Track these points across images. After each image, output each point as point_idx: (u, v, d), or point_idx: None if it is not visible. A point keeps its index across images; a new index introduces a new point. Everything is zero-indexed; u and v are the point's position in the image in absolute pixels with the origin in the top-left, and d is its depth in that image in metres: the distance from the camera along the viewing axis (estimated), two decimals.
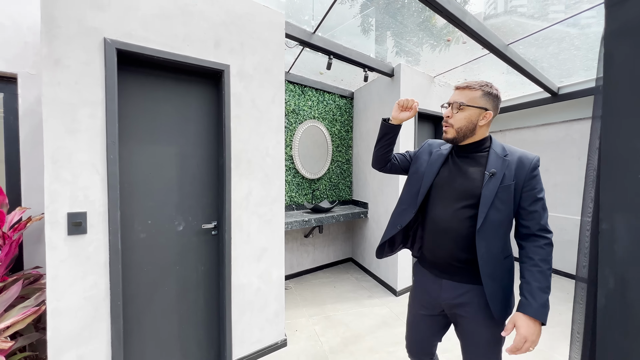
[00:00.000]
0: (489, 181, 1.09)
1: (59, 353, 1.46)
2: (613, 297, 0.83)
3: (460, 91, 1.16)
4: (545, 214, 1.09)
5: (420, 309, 1.30)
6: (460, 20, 2.02)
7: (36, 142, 2.07)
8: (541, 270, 1.03)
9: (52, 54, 1.41)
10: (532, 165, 1.10)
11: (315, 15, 2.47)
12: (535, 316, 1.00)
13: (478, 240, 1.08)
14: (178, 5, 1.73)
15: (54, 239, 1.43)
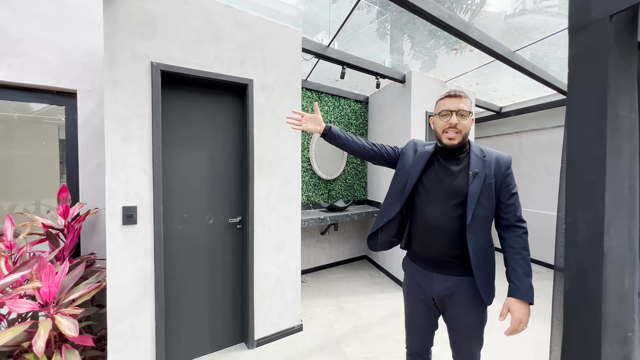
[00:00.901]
0: (474, 180, 1.23)
1: (115, 322, 1.78)
2: (575, 281, 1.02)
3: (459, 99, 1.24)
4: (520, 207, 1.25)
5: (415, 300, 1.40)
6: (463, 33, 2.18)
7: (91, 147, 2.44)
8: (523, 257, 1.19)
9: (112, 76, 1.73)
10: (507, 164, 1.26)
11: (332, 25, 2.68)
12: (525, 298, 1.15)
13: (469, 235, 1.21)
14: (210, 30, 2.02)
15: (112, 228, 1.75)
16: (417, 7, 1.87)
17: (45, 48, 2.27)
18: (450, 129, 1.24)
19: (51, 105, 2.43)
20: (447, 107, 1.24)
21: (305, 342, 2.35)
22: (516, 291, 1.16)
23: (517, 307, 1.15)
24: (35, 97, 2.36)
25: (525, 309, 1.15)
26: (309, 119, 1.45)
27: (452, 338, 1.36)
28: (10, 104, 2.37)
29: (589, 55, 1.01)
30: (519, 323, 1.15)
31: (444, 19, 2.03)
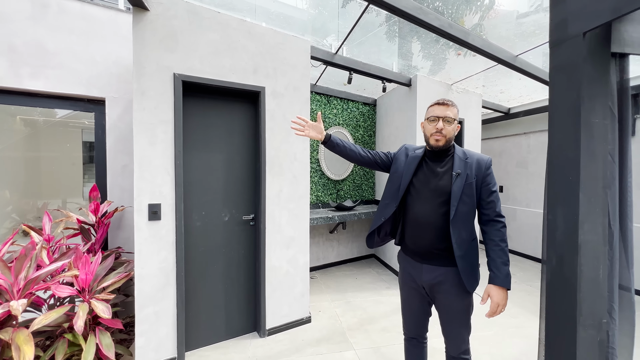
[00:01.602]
0: (456, 180, 1.36)
1: (142, 308, 1.97)
2: (555, 272, 1.15)
3: (446, 107, 1.39)
4: (499, 203, 1.38)
5: (409, 289, 1.53)
6: (463, 40, 2.29)
7: (117, 150, 2.67)
8: (501, 248, 1.33)
9: (139, 87, 1.93)
10: (486, 165, 1.40)
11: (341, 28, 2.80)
12: (502, 285, 1.29)
13: (452, 229, 1.34)
14: (226, 43, 2.20)
15: (140, 223, 1.95)
16: (418, 18, 1.99)
17: (78, 60, 2.51)
18: (437, 133, 1.39)
19: (75, 111, 2.66)
20: (436, 113, 1.39)
21: (312, 333, 2.50)
22: (495, 278, 1.31)
23: (496, 292, 1.30)
24: (68, 105, 2.60)
25: (502, 294, 1.29)
26: (312, 126, 1.59)
27: (442, 324, 1.48)
28: (37, 109, 2.62)
29: (565, 68, 1.14)
30: (497, 306, 1.29)
31: (445, 28, 2.14)
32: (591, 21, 1.04)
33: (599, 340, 1.14)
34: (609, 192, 1.21)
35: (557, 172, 1.18)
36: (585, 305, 1.10)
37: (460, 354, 1.46)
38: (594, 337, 1.12)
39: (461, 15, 2.89)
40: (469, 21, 2.75)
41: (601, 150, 1.11)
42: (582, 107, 1.07)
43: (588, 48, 1.08)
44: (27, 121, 2.69)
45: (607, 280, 1.21)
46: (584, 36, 1.07)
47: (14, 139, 2.63)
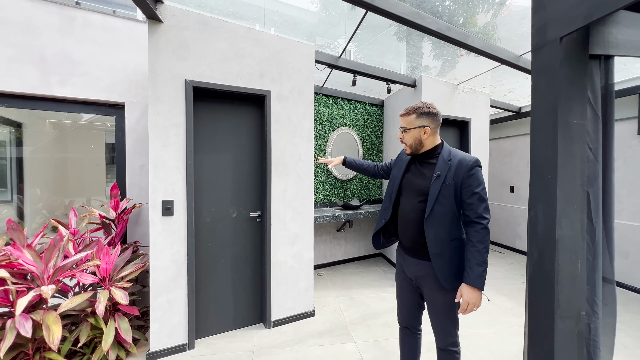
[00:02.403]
0: (435, 181, 1.42)
1: (156, 296, 2.14)
2: (536, 265, 1.21)
3: (402, 118, 1.51)
4: (482, 205, 1.36)
5: (402, 280, 1.63)
6: (463, 42, 2.33)
7: (135, 151, 2.86)
8: (477, 249, 1.33)
9: (154, 93, 2.10)
10: (468, 166, 1.39)
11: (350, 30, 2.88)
12: (473, 285, 1.31)
13: (426, 227, 1.41)
14: (234, 50, 2.35)
15: (154, 218, 2.12)
16: (415, 23, 2.06)
17: (100, 68, 2.72)
18: (402, 143, 1.55)
19: (98, 115, 2.88)
20: (401, 124, 1.53)
21: (316, 325, 2.61)
22: (467, 278, 1.34)
23: (467, 291, 1.33)
24: (92, 109, 2.82)
25: (473, 293, 1.32)
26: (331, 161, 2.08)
27: (429, 317, 1.54)
28: (64, 113, 2.85)
29: (545, 71, 1.22)
30: (467, 304, 1.33)
31: (443, 31, 2.20)
32: (567, 26, 1.11)
33: (578, 332, 1.20)
34: (592, 191, 1.26)
35: (538, 171, 1.25)
36: (562, 297, 1.16)
37: (448, 346, 1.50)
38: (572, 328, 1.18)
39: (473, 14, 2.91)
40: (481, 19, 2.76)
41: (579, 150, 1.18)
42: (560, 108, 1.14)
43: (565, 52, 1.14)
44: (55, 124, 2.94)
45: (590, 275, 1.26)
46: (561, 41, 1.14)
47: (44, 141, 2.88)
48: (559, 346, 1.16)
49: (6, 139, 2.80)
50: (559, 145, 1.15)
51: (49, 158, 2.91)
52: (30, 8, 2.48)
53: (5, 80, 2.42)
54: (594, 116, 1.23)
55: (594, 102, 1.24)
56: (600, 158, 1.27)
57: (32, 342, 1.83)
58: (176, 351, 2.19)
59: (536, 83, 1.25)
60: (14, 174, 2.80)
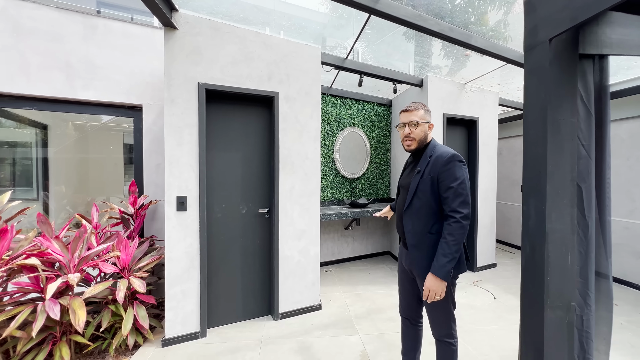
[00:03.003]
0: (415, 176, 1.52)
1: (170, 286, 2.28)
2: (528, 258, 1.28)
3: (410, 113, 1.53)
4: (458, 199, 1.39)
5: (401, 271, 1.72)
6: (466, 42, 2.37)
7: (152, 151, 3.03)
8: (446, 241, 1.38)
9: (170, 96, 2.23)
10: (444, 161, 1.43)
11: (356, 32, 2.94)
12: (435, 273, 1.38)
13: (405, 219, 1.54)
14: (244, 54, 2.46)
15: (169, 213, 2.26)
16: (418, 25, 2.12)
17: (120, 72, 2.89)
18: (406, 138, 1.56)
19: (118, 117, 3.06)
20: (402, 120, 1.56)
21: (322, 318, 2.69)
22: (432, 267, 1.41)
23: (429, 278, 1.41)
24: (112, 111, 2.99)
25: (434, 281, 1.38)
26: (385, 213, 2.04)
27: (427, 310, 1.57)
28: (84, 115, 3.04)
29: (536, 71, 1.28)
30: (427, 291, 1.40)
31: (445, 32, 2.25)
32: (555, 28, 1.17)
33: (568, 322, 1.25)
34: (584, 186, 1.31)
35: (529, 166, 1.31)
36: (552, 288, 1.22)
37: (442, 337, 1.55)
38: (562, 317, 1.24)
39: (484, 12, 2.93)
40: (493, 17, 2.79)
41: (569, 146, 1.23)
42: (549, 107, 1.20)
43: (554, 52, 1.21)
44: (77, 126, 3.14)
45: (583, 268, 1.31)
46: (550, 42, 1.20)
47: (67, 142, 3.09)
48: (549, 334, 1.23)
49: (33, 140, 3.02)
50: (549, 142, 1.21)
51: (72, 158, 3.12)
52: (58, 18, 2.67)
53: (35, 85, 2.61)
54: (587, 114, 1.28)
55: (587, 101, 1.29)
56: (594, 155, 1.32)
57: (60, 326, 1.99)
58: (189, 338, 2.32)
59: (528, 82, 1.32)
60: (40, 172, 3.02)
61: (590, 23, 1.18)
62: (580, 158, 1.30)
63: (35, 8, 2.62)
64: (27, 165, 3.02)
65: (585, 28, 1.26)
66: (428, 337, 1.99)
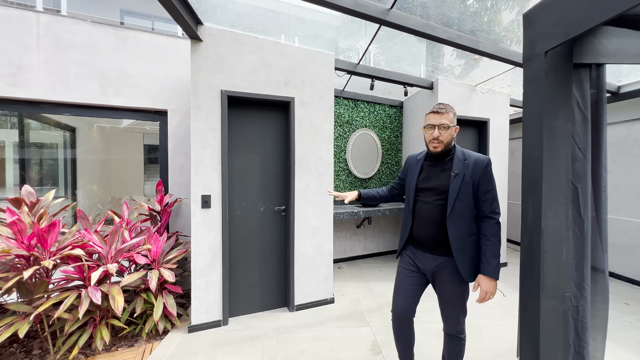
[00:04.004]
0: (454, 180, 1.49)
1: (196, 277, 2.48)
2: (526, 252, 1.40)
3: (441, 115, 1.50)
4: (495, 201, 1.49)
5: (408, 272, 1.66)
6: (474, 48, 2.47)
7: (176, 153, 3.25)
8: (492, 242, 1.45)
9: (195, 102, 2.43)
10: (484, 165, 1.49)
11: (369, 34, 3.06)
12: (490, 275, 1.43)
13: (448, 224, 1.48)
14: (262, 62, 2.64)
15: (195, 210, 2.45)
16: (426, 33, 2.24)
17: (147, 80, 3.12)
18: (434, 140, 1.53)
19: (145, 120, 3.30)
20: (431, 122, 1.53)
21: (334, 311, 2.85)
22: (484, 269, 1.45)
23: (484, 281, 1.45)
24: (140, 116, 3.23)
25: (490, 283, 1.44)
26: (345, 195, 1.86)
27: (441, 307, 1.64)
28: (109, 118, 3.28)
29: (533, 81, 1.41)
30: (485, 294, 1.45)
31: (453, 39, 2.36)
32: (551, 42, 1.30)
33: (562, 311, 1.37)
34: (580, 186, 1.43)
35: (527, 168, 1.43)
36: (548, 280, 1.34)
37: (457, 333, 1.62)
38: (557, 307, 1.36)
39: (498, 11, 3.02)
40: (507, 17, 2.86)
41: (564, 150, 1.35)
42: (545, 113, 1.33)
43: (550, 64, 1.33)
44: (102, 128, 3.41)
45: (579, 263, 1.42)
46: (546, 54, 1.32)
47: (92, 143, 3.36)
48: (545, 322, 1.35)
49: (62, 142, 3.30)
50: (544, 145, 1.34)
51: (97, 158, 3.40)
52: (93, 31, 2.92)
53: (73, 93, 2.87)
54: (583, 119, 1.40)
55: (584, 107, 1.41)
56: (590, 157, 1.43)
57: (99, 311, 2.22)
58: (212, 326, 2.52)
59: (526, 91, 1.44)
60: (70, 172, 3.29)
61: (587, 35, 1.30)
62: (576, 160, 1.42)
63: (74, 23, 2.87)
64: (56, 165, 3.29)
65: (582, 39, 1.37)
66: (437, 331, 2.11)
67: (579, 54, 1.37)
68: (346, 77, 3.77)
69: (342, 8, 1.94)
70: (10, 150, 3.03)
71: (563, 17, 1.25)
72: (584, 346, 1.48)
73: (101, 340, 2.11)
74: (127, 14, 6.46)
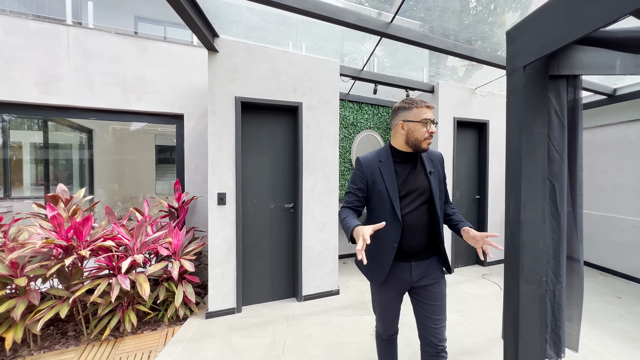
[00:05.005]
0: (432, 178, 1.44)
1: (213, 268, 2.70)
2: (508, 242, 1.59)
3: (432, 110, 1.43)
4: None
5: (394, 292, 1.47)
6: (469, 56, 2.65)
7: (191, 154, 3.49)
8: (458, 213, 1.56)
9: (212, 108, 2.66)
10: (441, 158, 1.55)
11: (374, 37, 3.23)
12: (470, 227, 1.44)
13: (438, 223, 1.44)
14: (273, 70, 2.85)
15: (212, 207, 2.68)
16: (424, 44, 2.43)
17: (165, 86, 3.37)
18: (430, 137, 1.39)
19: (163, 124, 3.55)
20: (429, 116, 1.37)
21: (340, 302, 3.05)
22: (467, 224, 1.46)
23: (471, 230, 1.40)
24: (159, 120, 3.48)
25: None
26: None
27: (430, 315, 1.45)
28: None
29: (514, 91, 1.60)
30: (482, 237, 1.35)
31: (450, 48, 2.54)
32: (528, 58, 1.49)
33: (539, 294, 1.57)
34: (557, 184, 1.63)
35: (510, 168, 1.63)
36: (526, 266, 1.54)
37: (443, 342, 1.47)
38: (534, 290, 1.56)
39: (502, 13, 3.19)
40: (510, 18, 3.03)
41: (541, 152, 1.55)
42: (524, 120, 1.52)
43: (527, 77, 1.53)
44: (116, 130, 3.66)
45: (555, 252, 1.62)
46: (524, 68, 1.52)
47: (108, 144, 3.62)
48: (523, 303, 1.55)
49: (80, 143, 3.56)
50: (523, 148, 1.53)
51: (112, 159, 3.66)
52: (117, 42, 3.17)
53: (99, 99, 3.13)
54: (560, 125, 1.59)
55: (560, 113, 1.61)
56: (566, 158, 1.63)
57: (127, 297, 2.46)
58: (227, 313, 2.74)
59: (508, 100, 1.63)
60: (87, 171, 3.54)
61: (564, 49, 1.49)
62: (554, 161, 1.61)
63: (100, 35, 3.13)
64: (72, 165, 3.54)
65: (560, 54, 1.57)
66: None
67: (557, 66, 1.57)
68: (351, 81, 3.96)
69: (346, 23, 2.13)
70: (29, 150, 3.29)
71: (537, 37, 1.45)
72: (560, 326, 1.67)
73: (129, 322, 2.35)
74: (140, 20, 6.74)
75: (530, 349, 1.56)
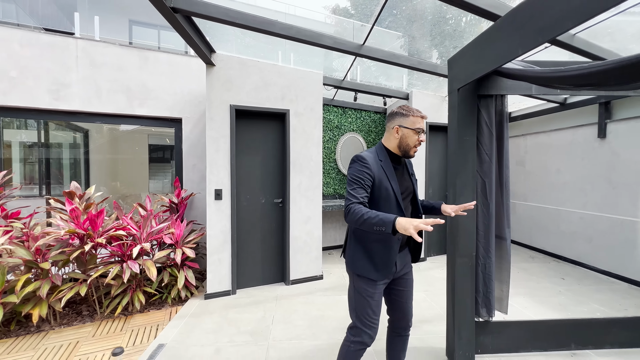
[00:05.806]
0: (413, 180, 1.63)
1: (211, 255, 3.08)
2: (449, 226, 2.03)
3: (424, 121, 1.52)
4: None
5: (383, 286, 1.53)
6: (433, 72, 3.09)
7: (189, 154, 3.84)
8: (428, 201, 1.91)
9: (209, 114, 3.03)
10: (411, 163, 1.73)
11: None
12: None
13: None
14: (264, 81, 3.24)
15: (210, 201, 3.06)
16: (393, 62, 2.86)
17: (166, 93, 3.71)
18: (419, 145, 1.50)
19: (163, 127, 3.89)
20: (422, 126, 1.48)
21: (323, 285, 3.47)
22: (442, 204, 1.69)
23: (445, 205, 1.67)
24: (159, 123, 3.82)
25: None
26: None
27: (404, 302, 1.62)
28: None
29: (452, 107, 2.05)
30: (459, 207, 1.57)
31: (415, 65, 2.99)
32: (460, 82, 1.95)
33: (471, 266, 2.02)
34: (487, 180, 2.09)
35: (451, 169, 2.08)
36: (460, 243, 1.99)
37: (409, 327, 1.67)
38: (467, 262, 2.01)
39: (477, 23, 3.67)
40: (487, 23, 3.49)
41: (470, 155, 2.00)
42: (459, 131, 1.97)
43: (461, 97, 1.98)
44: (111, 129, 3.97)
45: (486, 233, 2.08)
46: (459, 90, 1.97)
47: (102, 143, 3.94)
48: (459, 273, 2.01)
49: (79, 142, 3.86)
50: (457, 153, 1.99)
51: (106, 158, 3.98)
52: (121, 53, 3.50)
53: (105, 105, 3.45)
54: (489, 133, 2.06)
55: (489, 124, 2.07)
56: (495, 159, 2.10)
57: (135, 280, 2.82)
58: (224, 295, 3.13)
59: (449, 115, 2.09)
60: (83, 170, 3.85)
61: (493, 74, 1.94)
62: (484, 162, 2.07)
63: (106, 46, 3.46)
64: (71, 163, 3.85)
65: (489, 78, 2.03)
66: None
67: (486, 87, 2.04)
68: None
69: (325, 46, 2.54)
70: (28, 151, 3.60)
71: (464, 67, 1.91)
72: (490, 292, 2.14)
73: (138, 302, 2.71)
74: (135, 23, 6.98)
75: (464, 309, 2.02)
